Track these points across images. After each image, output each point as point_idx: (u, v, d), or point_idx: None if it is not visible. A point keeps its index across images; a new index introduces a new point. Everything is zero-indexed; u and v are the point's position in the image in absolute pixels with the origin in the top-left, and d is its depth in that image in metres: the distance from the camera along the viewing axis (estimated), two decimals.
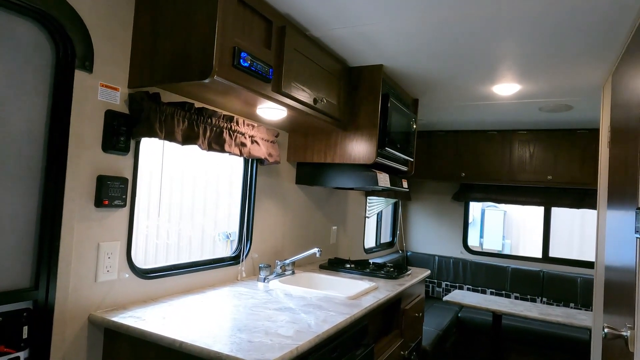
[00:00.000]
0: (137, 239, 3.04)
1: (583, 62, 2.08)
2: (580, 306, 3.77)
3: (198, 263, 1.96)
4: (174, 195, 3.26)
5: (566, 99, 2.77)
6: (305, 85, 1.89)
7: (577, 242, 6.55)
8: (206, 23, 1.38)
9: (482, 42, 1.90)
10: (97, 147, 1.45)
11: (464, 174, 4.06)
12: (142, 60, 1.52)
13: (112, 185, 1.49)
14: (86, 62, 1.39)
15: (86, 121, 1.41)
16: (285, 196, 2.55)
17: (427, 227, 4.68)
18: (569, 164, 3.65)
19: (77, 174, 1.39)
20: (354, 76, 2.35)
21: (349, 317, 1.62)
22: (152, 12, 1.51)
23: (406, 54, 2.13)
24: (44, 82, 1.32)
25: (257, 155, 2.06)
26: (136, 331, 1.35)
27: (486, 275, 4.22)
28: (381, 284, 2.31)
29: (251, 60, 1.51)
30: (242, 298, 1.80)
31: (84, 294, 1.44)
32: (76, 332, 1.41)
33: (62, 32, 1.33)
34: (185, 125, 1.66)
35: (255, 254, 2.30)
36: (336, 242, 3.24)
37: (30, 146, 1.30)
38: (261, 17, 1.63)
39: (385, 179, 2.48)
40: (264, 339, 1.33)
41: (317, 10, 1.71)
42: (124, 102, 1.53)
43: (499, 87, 2.59)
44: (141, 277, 1.65)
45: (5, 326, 1.24)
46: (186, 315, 1.51)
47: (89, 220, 1.44)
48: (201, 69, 1.38)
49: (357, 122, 2.31)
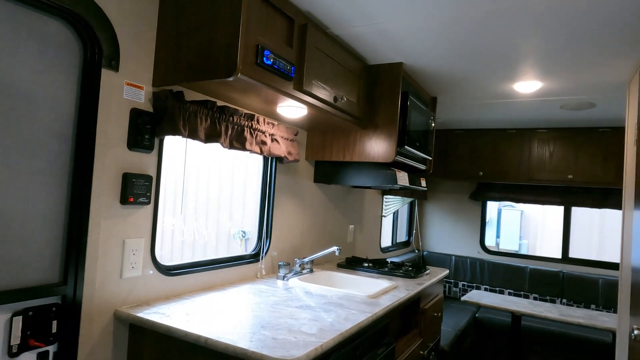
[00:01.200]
0: (162, 236, 3.08)
1: (608, 58, 2.03)
2: (602, 307, 3.70)
3: (219, 260, 1.97)
4: (193, 193, 3.29)
5: (589, 96, 2.71)
6: (326, 83, 1.89)
7: (596, 242, 6.42)
8: (230, 21, 1.39)
9: (505, 39, 1.88)
10: (123, 145, 1.47)
11: (481, 173, 4.02)
12: (166, 59, 1.53)
13: (137, 182, 1.50)
14: (112, 61, 1.41)
15: (112, 119, 1.43)
16: (303, 194, 2.55)
17: (443, 226, 4.64)
18: (590, 163, 3.58)
19: (103, 172, 1.41)
20: (374, 74, 2.33)
21: (370, 316, 1.62)
22: (176, 11, 1.52)
23: (426, 52, 2.11)
24: (72, 81, 1.34)
25: (277, 153, 2.06)
26: (162, 327, 1.37)
27: (504, 275, 4.16)
28: (400, 283, 2.29)
29: (274, 58, 1.52)
30: (262, 295, 1.81)
31: (110, 289, 1.46)
32: (102, 327, 1.44)
33: (89, 32, 1.35)
34: (208, 124, 1.67)
35: (274, 251, 2.31)
36: (353, 240, 3.23)
37: (59, 144, 1.32)
38: (283, 15, 1.63)
39: (404, 178, 2.46)
40: (287, 336, 1.33)
41: (338, 8, 1.71)
42: (148, 100, 1.54)
43: (519, 85, 2.55)
44: (164, 273, 1.67)
45: (36, 320, 1.26)
46: (209, 312, 1.52)
47: (115, 217, 1.46)
48: (225, 67, 1.39)
49: (376, 120, 2.30)
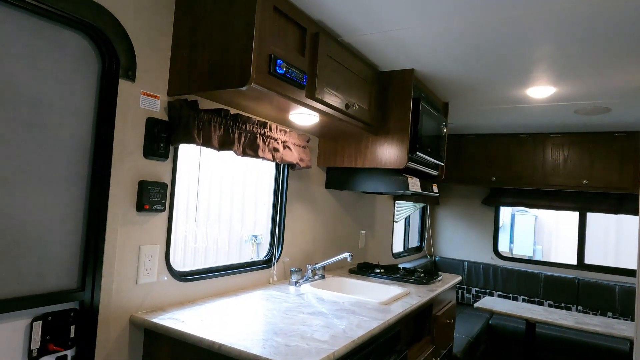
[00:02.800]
0: (175, 242, 3.12)
1: (623, 63, 2.01)
2: (619, 315, 3.63)
3: (231, 266, 1.99)
4: (206, 199, 3.33)
5: (604, 101, 2.68)
6: (337, 91, 1.91)
7: (613, 248, 6.31)
8: (244, 32, 1.41)
9: (518, 45, 1.87)
10: (139, 153, 1.50)
11: (494, 178, 3.99)
12: (181, 69, 1.57)
13: (153, 190, 1.53)
14: (129, 71, 1.44)
15: (129, 128, 1.46)
16: (315, 200, 2.57)
17: (456, 231, 4.61)
18: (606, 168, 3.53)
19: (120, 179, 1.44)
20: (385, 80, 2.34)
21: (382, 323, 1.62)
22: (190, 22, 1.55)
23: (438, 58, 2.11)
24: (90, 91, 1.38)
25: (289, 160, 2.08)
26: (176, 333, 1.39)
27: (518, 281, 4.11)
28: (412, 289, 2.29)
29: (286, 67, 1.54)
30: (275, 302, 1.82)
31: (126, 295, 1.49)
32: (118, 332, 1.46)
33: (107, 43, 1.38)
34: (222, 132, 1.70)
35: (286, 257, 2.32)
36: (365, 246, 3.23)
37: (78, 152, 1.35)
38: (295, 24, 1.65)
39: (416, 184, 2.46)
40: (300, 343, 1.34)
41: (349, 17, 1.72)
42: (163, 109, 1.58)
43: (532, 90, 2.54)
44: (178, 279, 1.69)
45: (55, 325, 1.29)
46: (222, 317, 1.54)
47: (131, 224, 1.49)
48: (239, 77, 1.41)
49: (388, 126, 2.31)
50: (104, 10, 1.35)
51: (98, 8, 1.33)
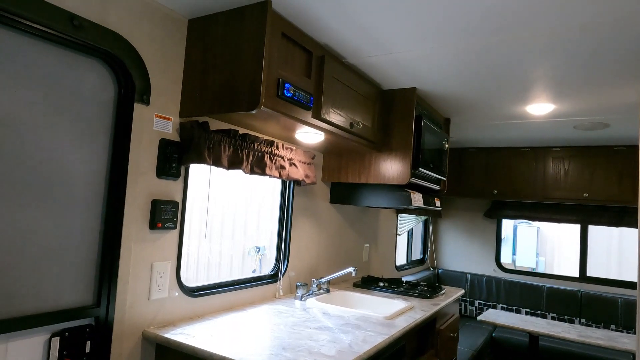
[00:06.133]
0: (187, 258, 3.16)
1: (620, 81, 2.07)
2: (622, 328, 3.64)
3: (239, 281, 2.04)
4: (214, 216, 3.38)
5: (602, 117, 2.74)
6: (342, 110, 1.97)
7: (616, 260, 6.31)
8: (254, 58, 1.48)
9: (517, 65, 1.94)
10: (152, 173, 1.56)
11: (496, 191, 4.03)
12: (193, 92, 1.63)
13: (165, 208, 1.59)
14: (144, 95, 1.51)
15: (143, 150, 1.52)
16: (320, 215, 2.62)
17: (458, 244, 4.64)
18: (606, 181, 3.57)
19: (134, 199, 1.50)
20: (388, 99, 2.41)
21: (387, 338, 1.66)
22: (202, 47, 1.63)
23: (439, 78, 2.18)
24: (107, 116, 1.45)
25: (295, 177, 2.14)
26: (187, 348, 1.43)
27: (521, 294, 4.13)
28: (416, 303, 2.32)
29: (294, 90, 1.60)
30: (282, 316, 1.87)
31: (139, 311, 1.53)
32: (131, 347, 1.51)
33: (124, 69, 1.45)
34: (231, 151, 1.76)
35: (292, 272, 2.36)
36: (368, 259, 3.27)
37: (94, 174, 1.41)
38: (302, 49, 1.72)
39: (418, 199, 2.51)
40: (307, 357, 1.38)
41: (354, 41, 1.79)
42: (175, 130, 1.64)
43: (532, 107, 2.60)
44: (188, 295, 1.74)
45: (71, 341, 1.34)
46: (232, 332, 1.58)
47: (144, 241, 1.54)
48: (249, 101, 1.48)
49: (391, 143, 2.37)
50: (121, 39, 1.42)
51: (116, 37, 1.40)
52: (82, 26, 1.30)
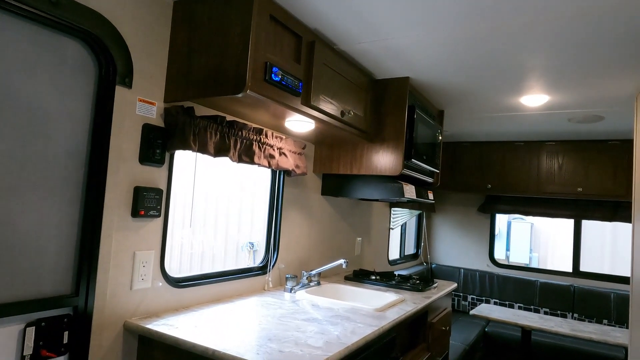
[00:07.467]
0: (171, 248, 3.12)
1: (615, 72, 2.04)
2: (615, 323, 3.64)
3: (227, 273, 1.99)
4: (202, 205, 3.33)
5: (597, 110, 2.72)
6: (333, 98, 1.92)
7: (609, 255, 6.33)
8: (240, 40, 1.43)
9: (511, 54, 1.90)
10: (135, 160, 1.51)
11: (489, 185, 4.01)
12: (178, 76, 1.58)
13: (148, 196, 1.54)
14: (126, 78, 1.45)
15: (125, 135, 1.47)
16: (311, 207, 2.57)
17: (451, 239, 4.62)
18: (600, 176, 3.55)
19: (115, 185, 1.45)
20: (380, 88, 2.37)
21: (377, 329, 1.62)
22: (187, 30, 1.57)
23: (433, 67, 2.14)
24: (87, 98, 1.39)
25: (285, 167, 2.09)
26: (170, 339, 1.38)
27: (514, 289, 4.12)
28: (407, 296, 2.29)
29: (282, 75, 1.55)
30: (270, 308, 1.82)
31: (120, 301, 1.48)
32: (112, 338, 1.46)
33: (105, 50, 1.40)
34: (218, 138, 1.71)
35: (281, 264, 2.32)
36: (361, 253, 3.23)
37: (74, 159, 1.36)
38: (291, 33, 1.67)
39: (411, 191, 2.47)
40: (294, 349, 1.34)
41: (345, 26, 1.74)
42: (159, 115, 1.59)
43: (526, 99, 2.57)
44: (173, 285, 1.69)
45: (48, 331, 1.29)
46: (217, 324, 1.54)
47: (126, 229, 1.49)
48: (235, 84, 1.43)
49: (383, 134, 2.32)
50: (102, 18, 1.36)
51: (96, 16, 1.35)
52: (60, 3, 1.25)
